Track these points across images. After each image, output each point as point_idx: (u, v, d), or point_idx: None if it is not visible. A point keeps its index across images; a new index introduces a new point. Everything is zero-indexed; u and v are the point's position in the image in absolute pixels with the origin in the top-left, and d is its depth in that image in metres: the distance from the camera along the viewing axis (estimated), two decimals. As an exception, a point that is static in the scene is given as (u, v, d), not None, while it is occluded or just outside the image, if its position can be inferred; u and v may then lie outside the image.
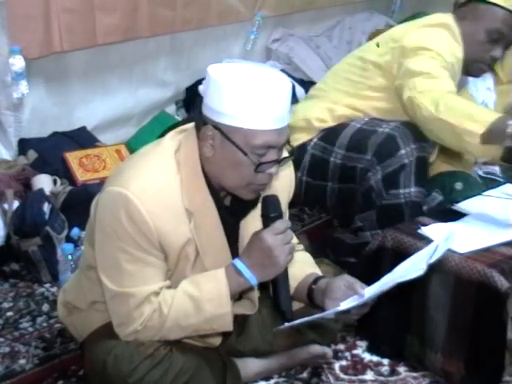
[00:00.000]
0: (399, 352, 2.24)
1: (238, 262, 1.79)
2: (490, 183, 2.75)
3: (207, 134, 1.72)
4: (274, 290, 1.86)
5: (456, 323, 2.10)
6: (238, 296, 1.91)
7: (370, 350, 2.30)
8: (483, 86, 2.84)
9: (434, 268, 1.95)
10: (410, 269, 1.81)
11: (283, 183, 1.94)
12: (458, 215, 2.33)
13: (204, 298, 1.76)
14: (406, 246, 2.18)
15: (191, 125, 1.82)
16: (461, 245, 2.10)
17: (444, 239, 1.89)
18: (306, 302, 1.96)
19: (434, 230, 2.20)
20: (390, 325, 2.23)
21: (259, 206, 1.84)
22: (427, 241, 2.09)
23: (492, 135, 2.15)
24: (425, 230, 2.21)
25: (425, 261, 1.79)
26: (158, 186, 1.72)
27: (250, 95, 1.66)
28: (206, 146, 1.73)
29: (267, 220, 1.80)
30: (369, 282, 1.86)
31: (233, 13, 3.94)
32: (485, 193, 2.49)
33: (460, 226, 2.24)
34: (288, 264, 1.83)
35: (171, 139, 1.81)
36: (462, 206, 2.38)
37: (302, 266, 1.99)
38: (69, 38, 3.13)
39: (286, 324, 1.87)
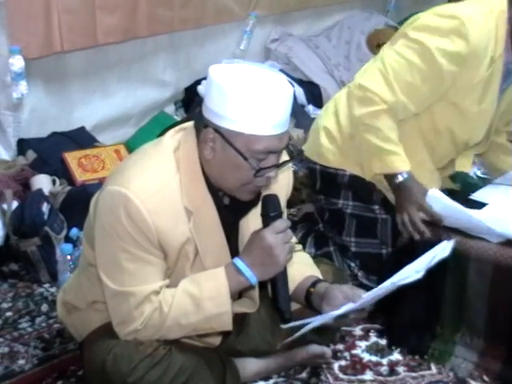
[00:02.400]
0: (422, 345, 2.27)
1: (238, 261, 1.79)
2: (487, 183, 2.75)
3: (208, 137, 1.72)
4: (273, 289, 1.86)
5: (497, 309, 2.15)
6: (237, 295, 1.91)
7: (390, 342, 2.31)
8: None
9: (469, 257, 2.11)
10: (409, 274, 1.82)
11: (282, 183, 1.94)
12: (478, 206, 2.34)
13: (204, 297, 1.76)
14: (436, 237, 2.18)
15: (190, 123, 1.82)
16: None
17: (442, 249, 1.91)
18: (304, 305, 1.96)
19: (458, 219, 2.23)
20: (418, 315, 2.27)
21: (259, 205, 1.84)
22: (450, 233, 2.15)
23: (396, 187, 2.32)
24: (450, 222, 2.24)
25: (423, 267, 1.81)
26: (157, 185, 1.72)
27: (252, 101, 1.66)
28: (206, 149, 1.73)
29: (267, 219, 1.80)
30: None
31: (227, 12, 3.94)
32: (495, 180, 2.51)
33: (482, 214, 2.25)
34: (288, 263, 1.83)
35: (170, 138, 1.81)
36: (479, 196, 2.40)
37: (301, 268, 1.99)
38: (69, 37, 3.14)
39: (288, 339, 1.89)
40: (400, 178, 2.30)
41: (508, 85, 2.43)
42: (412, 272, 1.81)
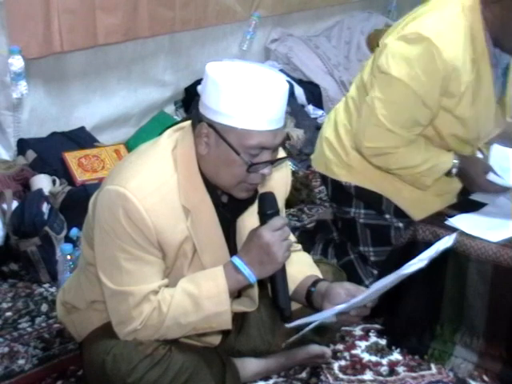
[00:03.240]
0: (422, 345, 2.28)
1: (236, 260, 1.79)
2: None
3: (202, 132, 1.72)
4: (272, 287, 1.86)
5: (496, 310, 2.16)
6: (237, 294, 1.91)
7: (390, 342, 2.32)
8: None
9: (469, 257, 2.13)
10: (413, 262, 1.82)
11: (280, 181, 1.94)
12: (477, 206, 2.39)
13: (203, 296, 1.76)
14: (437, 237, 2.19)
15: (188, 123, 1.82)
16: (491, 234, 2.18)
17: (444, 243, 1.91)
18: (305, 304, 1.95)
19: (461, 220, 2.26)
20: (417, 315, 2.27)
21: (256, 203, 1.84)
22: (456, 231, 2.14)
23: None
24: (452, 221, 2.26)
25: (427, 258, 1.80)
26: (155, 184, 1.72)
27: (246, 96, 1.66)
28: (200, 144, 1.74)
29: (264, 217, 1.80)
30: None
31: (230, 13, 3.95)
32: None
33: (483, 215, 2.32)
34: (286, 260, 1.82)
35: (168, 137, 1.81)
36: (479, 196, 2.43)
37: (301, 268, 1.99)
38: (69, 38, 3.14)
39: (292, 338, 1.89)
40: (454, 171, 2.38)
41: (503, 70, 2.41)
42: (416, 261, 1.81)
